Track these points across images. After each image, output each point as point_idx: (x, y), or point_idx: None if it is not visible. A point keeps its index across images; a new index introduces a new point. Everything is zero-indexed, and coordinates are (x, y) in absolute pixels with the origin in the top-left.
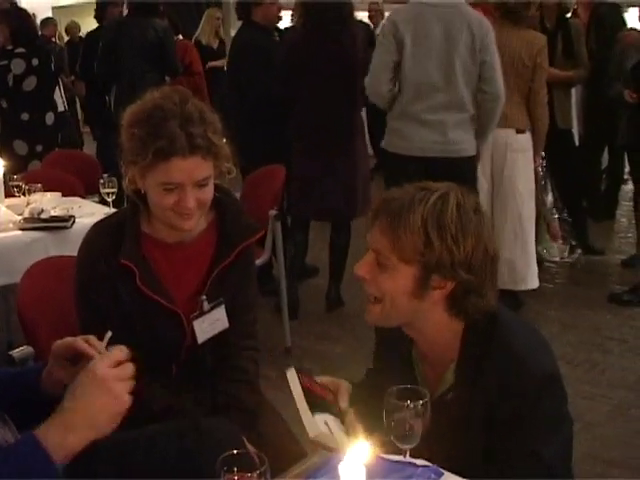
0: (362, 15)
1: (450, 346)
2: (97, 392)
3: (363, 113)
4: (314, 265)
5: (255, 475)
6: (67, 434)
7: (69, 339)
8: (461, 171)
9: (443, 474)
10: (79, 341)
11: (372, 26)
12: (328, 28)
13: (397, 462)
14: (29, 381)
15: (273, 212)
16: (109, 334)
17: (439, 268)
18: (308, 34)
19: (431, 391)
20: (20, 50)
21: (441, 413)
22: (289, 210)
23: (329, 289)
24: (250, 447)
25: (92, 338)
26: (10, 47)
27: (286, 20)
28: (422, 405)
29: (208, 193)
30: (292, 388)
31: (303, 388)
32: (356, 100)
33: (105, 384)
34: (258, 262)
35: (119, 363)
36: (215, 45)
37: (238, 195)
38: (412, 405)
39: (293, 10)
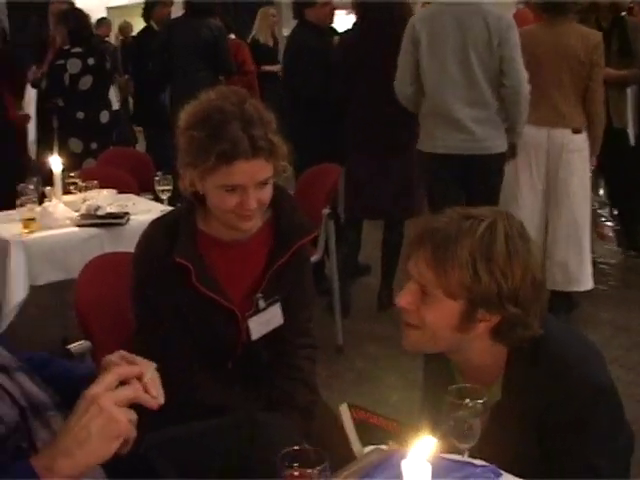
0: None
1: (493, 367)
2: (87, 414)
3: None
4: (366, 264)
5: (316, 471)
6: (57, 458)
7: (115, 359)
8: (490, 168)
9: (502, 475)
10: (120, 364)
11: None
12: (384, 28)
13: (456, 461)
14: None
15: (326, 211)
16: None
17: (486, 302)
18: (364, 34)
19: None
20: (76, 50)
21: (492, 428)
22: (343, 209)
23: (381, 288)
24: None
25: (137, 360)
26: (67, 47)
27: (341, 19)
28: (481, 404)
29: (268, 193)
30: (344, 422)
31: (356, 420)
32: None
33: (96, 405)
34: (311, 260)
35: (123, 383)
36: (271, 43)
37: (291, 193)
38: (471, 404)
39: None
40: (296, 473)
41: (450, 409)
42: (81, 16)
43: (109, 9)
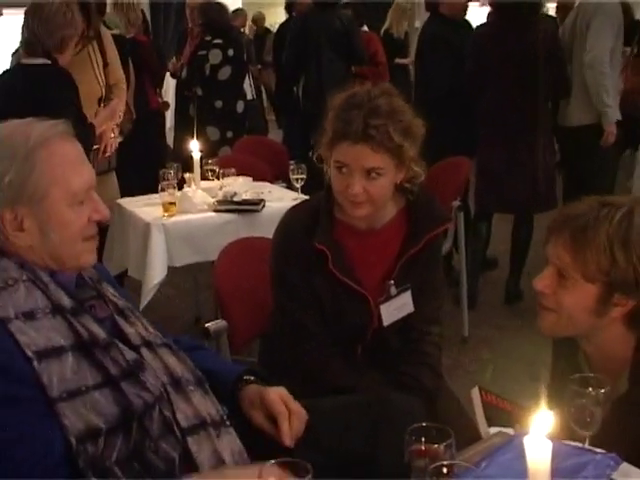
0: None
1: (622, 358)
2: None
3: None
4: (494, 257)
5: (442, 447)
6: None
7: (275, 399)
8: None
9: (622, 463)
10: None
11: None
12: (515, 22)
13: (576, 448)
14: (225, 385)
15: (456, 203)
16: None
17: (623, 287)
18: (496, 28)
19: None
20: (217, 41)
21: (617, 419)
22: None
23: (508, 281)
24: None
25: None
26: (208, 38)
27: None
28: (603, 393)
29: (378, 186)
30: (474, 403)
31: (485, 403)
32: (540, 95)
33: None
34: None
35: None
36: (403, 36)
37: None
38: (594, 392)
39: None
40: (422, 448)
41: (573, 397)
42: (218, 8)
43: (244, 1)
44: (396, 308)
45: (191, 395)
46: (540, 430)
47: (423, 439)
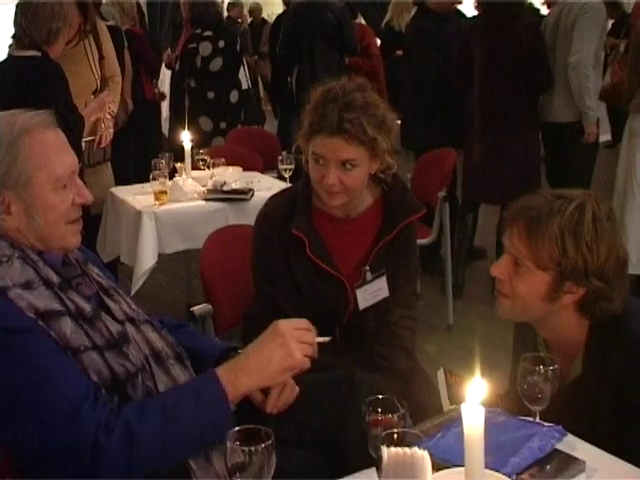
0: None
1: (576, 340)
2: (273, 343)
3: None
4: (482, 247)
5: (396, 417)
6: (239, 375)
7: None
8: None
9: (567, 434)
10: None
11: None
12: (499, 17)
13: (526, 421)
14: (208, 359)
15: (442, 194)
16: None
17: (573, 276)
18: (481, 23)
19: (561, 378)
20: (207, 33)
21: (570, 399)
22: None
23: None
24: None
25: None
26: (198, 31)
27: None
28: (552, 371)
29: (353, 177)
30: (439, 383)
31: (450, 384)
32: (525, 88)
33: (282, 338)
34: (425, 241)
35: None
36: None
37: (409, 176)
38: (543, 370)
39: None
40: (379, 418)
41: (524, 374)
42: (205, 2)
43: None
44: (371, 293)
45: (171, 368)
46: (474, 398)
47: (380, 410)
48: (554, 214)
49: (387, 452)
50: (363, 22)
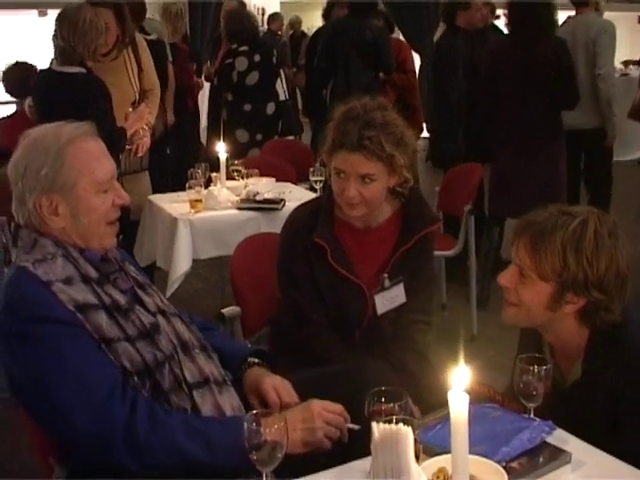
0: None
1: (578, 345)
2: (301, 416)
3: None
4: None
5: (397, 406)
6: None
7: (269, 390)
8: None
9: (556, 429)
10: (271, 393)
11: None
12: (529, 36)
13: (519, 415)
14: (233, 361)
15: (468, 207)
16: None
17: (574, 287)
18: (510, 41)
19: (562, 380)
20: (243, 48)
21: (569, 400)
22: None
23: None
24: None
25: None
26: (234, 46)
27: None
28: (545, 370)
29: (371, 190)
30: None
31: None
32: (552, 105)
33: (310, 414)
34: (451, 252)
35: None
36: None
37: (438, 189)
38: (537, 370)
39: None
40: (383, 407)
41: (520, 373)
42: (239, 18)
43: (282, 4)
44: (389, 299)
45: (197, 357)
46: (459, 385)
47: (383, 399)
48: (558, 229)
49: (377, 427)
50: (401, 38)
